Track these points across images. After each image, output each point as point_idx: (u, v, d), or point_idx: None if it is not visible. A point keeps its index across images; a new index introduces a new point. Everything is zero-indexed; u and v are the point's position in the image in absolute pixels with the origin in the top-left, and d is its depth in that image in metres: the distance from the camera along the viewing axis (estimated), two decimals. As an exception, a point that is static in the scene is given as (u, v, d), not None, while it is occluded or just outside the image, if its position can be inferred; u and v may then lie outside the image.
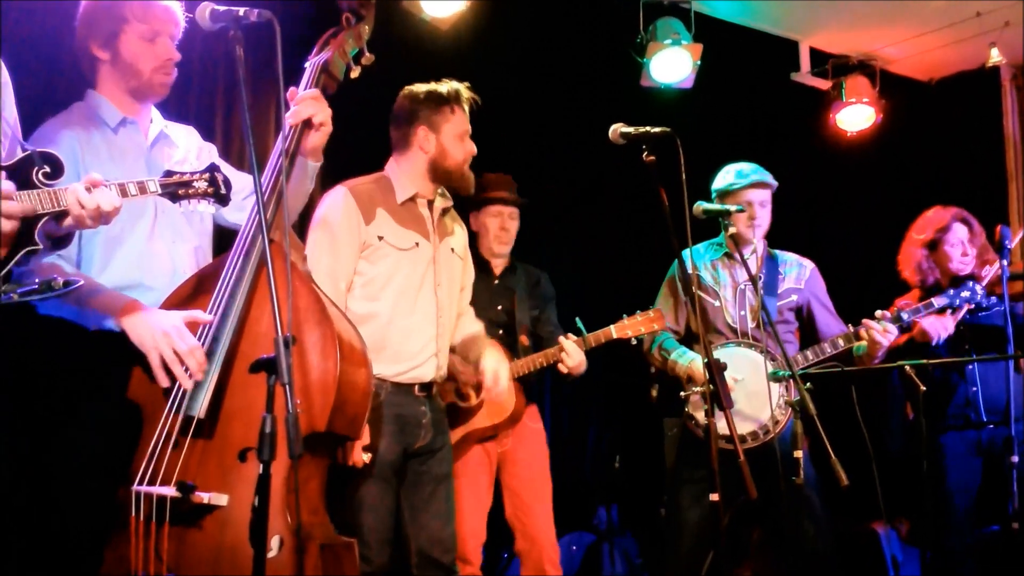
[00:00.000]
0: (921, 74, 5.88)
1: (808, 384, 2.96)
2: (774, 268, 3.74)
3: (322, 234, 2.88)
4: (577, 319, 3.60)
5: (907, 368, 3.51)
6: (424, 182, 3.00)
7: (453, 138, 2.97)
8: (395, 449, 2.85)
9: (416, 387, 2.91)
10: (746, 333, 3.59)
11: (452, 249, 3.07)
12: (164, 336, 2.20)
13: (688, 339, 3.76)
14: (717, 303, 3.66)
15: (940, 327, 3.82)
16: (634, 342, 3.60)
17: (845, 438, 3.11)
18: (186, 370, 2.20)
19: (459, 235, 3.14)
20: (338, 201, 2.90)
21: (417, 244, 2.94)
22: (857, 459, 3.10)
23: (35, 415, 2.36)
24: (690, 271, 3.65)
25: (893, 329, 3.54)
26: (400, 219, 2.94)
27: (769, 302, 3.59)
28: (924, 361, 3.67)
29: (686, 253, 3.57)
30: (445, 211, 3.07)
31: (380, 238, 2.88)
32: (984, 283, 3.84)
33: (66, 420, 2.33)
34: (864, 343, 3.58)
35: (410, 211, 2.98)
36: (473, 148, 3.03)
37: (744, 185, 3.65)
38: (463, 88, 3.03)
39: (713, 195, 3.76)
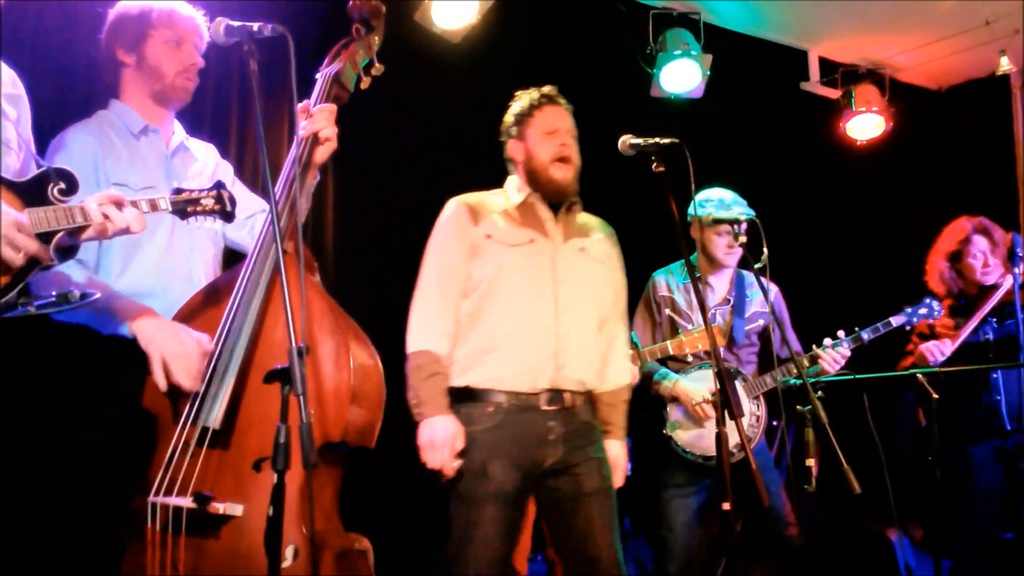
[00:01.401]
0: (931, 82, 5.88)
1: (820, 392, 2.96)
2: (742, 290, 3.79)
3: (432, 245, 2.86)
4: (633, 334, 3.60)
5: (919, 376, 3.52)
6: (529, 190, 2.91)
7: (538, 137, 2.89)
8: (512, 474, 2.67)
9: (542, 399, 2.73)
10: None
11: (583, 249, 2.91)
12: (172, 339, 2.24)
13: (664, 359, 3.78)
14: (691, 326, 3.67)
15: (937, 351, 3.87)
16: (690, 359, 3.61)
17: (856, 445, 3.11)
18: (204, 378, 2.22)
19: (599, 239, 3.00)
20: (447, 211, 2.89)
21: (532, 240, 2.84)
22: (869, 466, 3.10)
23: (42, 419, 2.39)
24: (662, 291, 3.79)
25: (841, 358, 3.66)
26: (513, 219, 2.86)
27: (737, 324, 3.64)
28: (936, 369, 3.70)
29: (673, 265, 3.71)
30: (571, 208, 2.94)
31: (488, 236, 2.82)
32: (998, 296, 3.88)
33: (72, 424, 2.36)
34: (817, 366, 3.70)
35: (526, 211, 2.89)
36: (564, 142, 2.87)
37: (726, 217, 3.64)
38: (543, 90, 2.97)
39: (690, 218, 3.76)
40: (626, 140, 2.81)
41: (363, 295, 4.04)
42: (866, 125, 5.55)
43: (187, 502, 2.15)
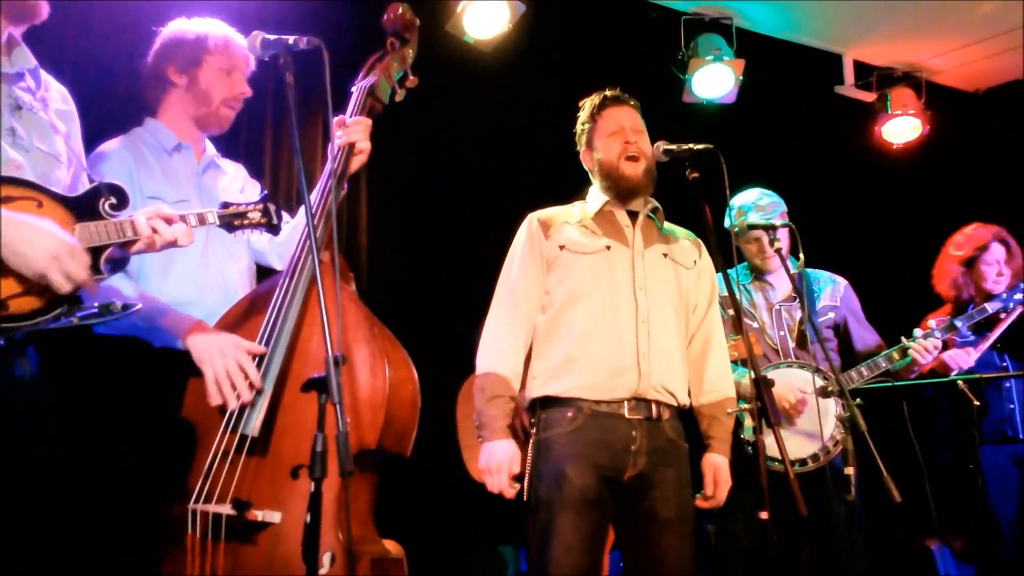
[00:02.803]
0: (968, 85, 5.81)
1: (858, 400, 2.93)
2: (809, 286, 3.71)
3: (507, 260, 2.86)
4: None
5: (960, 384, 3.48)
6: (607, 195, 2.87)
7: (605, 139, 2.87)
8: (589, 475, 2.59)
9: (626, 406, 2.66)
10: (788, 353, 3.55)
11: (665, 255, 2.85)
12: (220, 354, 2.26)
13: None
14: (756, 325, 3.62)
15: (960, 360, 3.80)
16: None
17: (896, 453, 3.07)
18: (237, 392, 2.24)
19: (686, 246, 2.93)
20: (522, 226, 2.89)
21: (608, 247, 2.79)
22: (909, 475, 3.06)
23: (84, 430, 2.42)
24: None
25: (933, 348, 3.53)
26: (588, 228, 2.83)
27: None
28: (977, 376, 3.65)
29: (731, 272, 3.56)
30: (651, 216, 2.91)
31: (561, 247, 2.79)
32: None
33: (114, 435, 2.39)
34: (908, 358, 3.57)
35: (603, 219, 2.85)
36: (628, 140, 2.82)
37: (759, 224, 3.59)
38: (605, 93, 2.95)
39: (733, 223, 3.68)
40: (659, 146, 2.81)
41: (397, 304, 4.07)
42: (902, 129, 5.50)
43: (226, 509, 2.17)
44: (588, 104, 2.97)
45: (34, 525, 2.03)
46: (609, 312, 2.71)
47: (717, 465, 2.77)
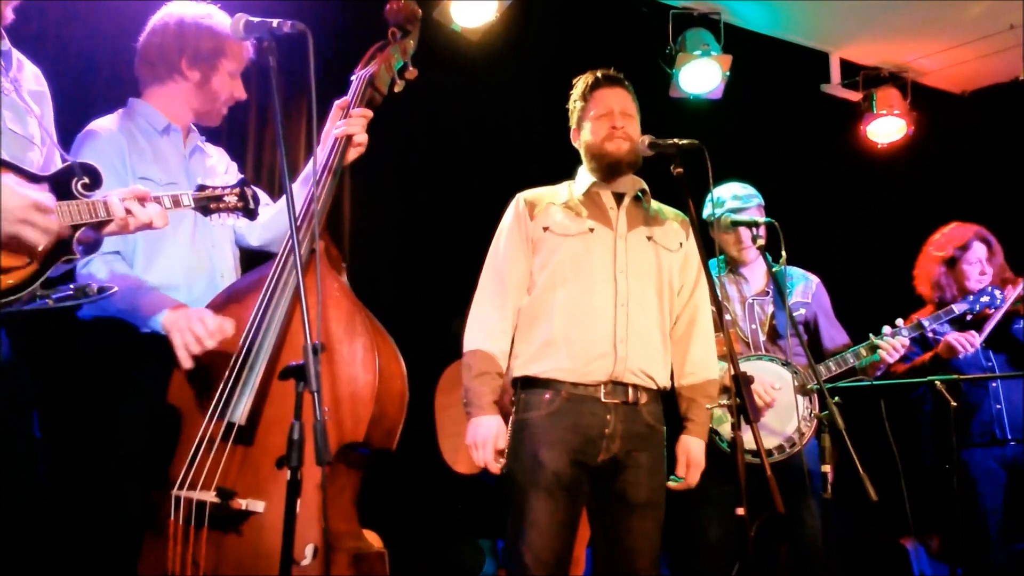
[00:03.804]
0: (954, 86, 5.84)
1: (836, 398, 2.93)
2: (781, 280, 3.71)
3: (494, 240, 2.86)
4: None
5: (938, 384, 3.49)
6: (594, 176, 2.86)
7: (593, 121, 2.85)
8: (563, 460, 2.62)
9: (602, 390, 2.68)
10: (759, 346, 3.56)
11: (650, 238, 2.83)
12: (185, 319, 2.26)
13: None
14: (728, 318, 3.62)
15: (966, 342, 3.80)
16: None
17: (874, 452, 3.08)
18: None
19: (673, 228, 2.90)
20: (510, 206, 2.89)
21: (591, 229, 2.78)
22: (886, 474, 3.07)
23: (73, 416, 2.40)
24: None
25: (901, 347, 3.55)
26: (573, 209, 2.82)
27: (779, 316, 3.57)
28: (955, 376, 3.66)
29: (712, 263, 3.56)
30: (640, 198, 2.88)
31: (545, 229, 2.79)
32: (1007, 293, 3.85)
33: (103, 421, 2.37)
34: (876, 356, 3.59)
35: (589, 201, 2.84)
36: (615, 124, 2.80)
37: (742, 220, 3.59)
38: (597, 73, 2.92)
39: (712, 216, 3.67)
40: (645, 140, 2.80)
41: (377, 292, 4.05)
42: (888, 129, 5.53)
43: (211, 496, 2.16)
44: (581, 83, 2.95)
45: (17, 515, 2.01)
46: (588, 296, 2.72)
47: (691, 447, 2.78)
